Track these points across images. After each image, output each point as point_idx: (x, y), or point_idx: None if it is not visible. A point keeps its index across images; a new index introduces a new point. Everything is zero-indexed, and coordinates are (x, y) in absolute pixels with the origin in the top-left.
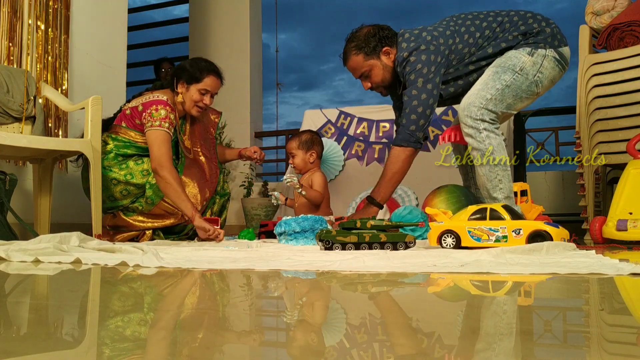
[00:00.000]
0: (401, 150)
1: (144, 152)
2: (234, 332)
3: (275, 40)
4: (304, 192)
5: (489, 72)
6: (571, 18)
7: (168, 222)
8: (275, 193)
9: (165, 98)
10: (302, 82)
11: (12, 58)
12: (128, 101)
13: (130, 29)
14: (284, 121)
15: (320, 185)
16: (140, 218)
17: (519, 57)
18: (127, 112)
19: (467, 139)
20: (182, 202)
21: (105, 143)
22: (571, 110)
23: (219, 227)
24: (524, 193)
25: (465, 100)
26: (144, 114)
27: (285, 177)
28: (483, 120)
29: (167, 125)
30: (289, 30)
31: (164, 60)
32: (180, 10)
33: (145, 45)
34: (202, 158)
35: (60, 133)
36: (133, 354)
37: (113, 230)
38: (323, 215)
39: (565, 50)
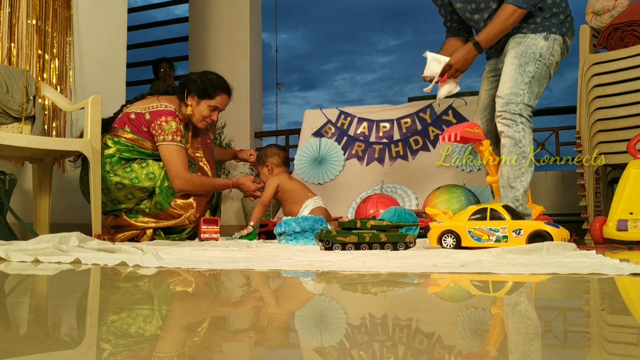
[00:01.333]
0: (518, 10)
1: (147, 156)
2: (234, 332)
3: (278, 40)
4: (252, 223)
5: (512, 64)
6: (573, 17)
7: (171, 222)
8: (236, 234)
9: (172, 108)
10: (304, 82)
11: (12, 58)
12: (129, 102)
13: (130, 28)
14: (285, 121)
15: (266, 189)
16: (144, 219)
17: (536, 43)
18: (132, 116)
19: (503, 128)
20: (216, 186)
21: (106, 145)
22: (571, 110)
23: (218, 227)
24: None
25: (502, 100)
26: (153, 124)
27: (236, 234)
28: (521, 115)
29: (179, 139)
30: (292, 29)
31: (162, 60)
32: (182, 10)
33: (145, 45)
34: (203, 164)
35: (55, 133)
36: (133, 354)
37: (114, 229)
38: (290, 212)
39: (569, 41)
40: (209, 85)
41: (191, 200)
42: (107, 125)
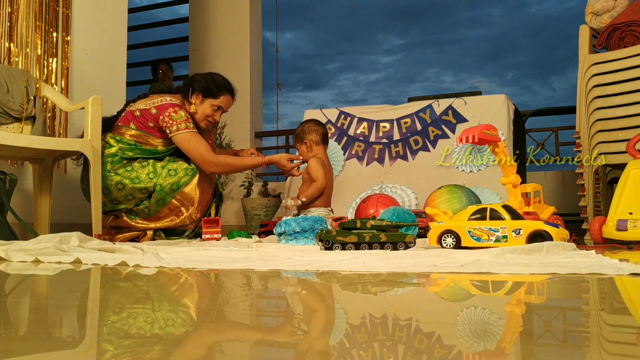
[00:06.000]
0: None
1: (149, 155)
2: (234, 332)
3: (281, 39)
4: (304, 199)
5: None
6: (578, 17)
7: (172, 223)
8: (289, 201)
9: (178, 102)
10: (307, 82)
11: (12, 58)
12: (133, 101)
13: (131, 28)
14: (287, 121)
15: (315, 170)
16: (143, 221)
17: None
18: (137, 113)
19: None
20: (245, 166)
21: (108, 144)
22: (571, 110)
23: (219, 228)
24: (537, 194)
25: None
26: (162, 116)
27: (283, 202)
28: None
29: (192, 125)
30: (297, 29)
31: (161, 61)
32: (187, 9)
33: (145, 45)
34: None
35: (55, 133)
36: (133, 354)
37: (114, 230)
38: (319, 205)
39: None
40: (213, 85)
41: (193, 195)
42: (110, 124)
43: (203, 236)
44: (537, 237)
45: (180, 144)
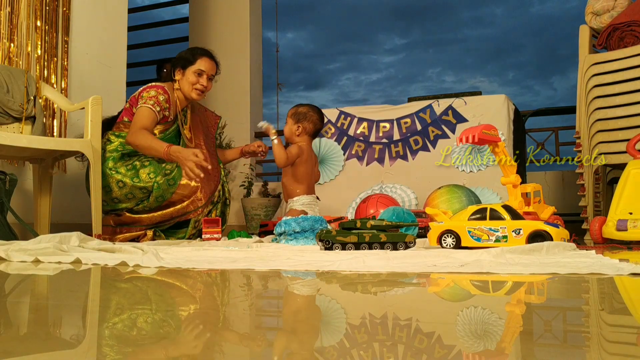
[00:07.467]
0: None
1: None
2: (234, 332)
3: (283, 39)
4: (274, 138)
5: None
6: (579, 17)
7: (174, 209)
8: (264, 124)
9: (161, 84)
10: (308, 82)
11: (12, 58)
12: None
13: (131, 28)
14: None
15: (289, 151)
16: (147, 215)
17: None
18: (127, 105)
19: None
20: (152, 146)
21: (109, 141)
22: (571, 110)
23: (219, 228)
24: (537, 194)
25: None
26: (139, 99)
27: (260, 123)
28: None
29: (152, 102)
30: (298, 29)
31: (166, 60)
32: (187, 9)
33: (146, 45)
34: (205, 151)
35: (55, 133)
36: (133, 354)
37: (119, 227)
38: (300, 193)
39: None
40: (187, 53)
41: (192, 185)
42: (111, 124)
43: (203, 236)
44: (537, 237)
45: (134, 116)
